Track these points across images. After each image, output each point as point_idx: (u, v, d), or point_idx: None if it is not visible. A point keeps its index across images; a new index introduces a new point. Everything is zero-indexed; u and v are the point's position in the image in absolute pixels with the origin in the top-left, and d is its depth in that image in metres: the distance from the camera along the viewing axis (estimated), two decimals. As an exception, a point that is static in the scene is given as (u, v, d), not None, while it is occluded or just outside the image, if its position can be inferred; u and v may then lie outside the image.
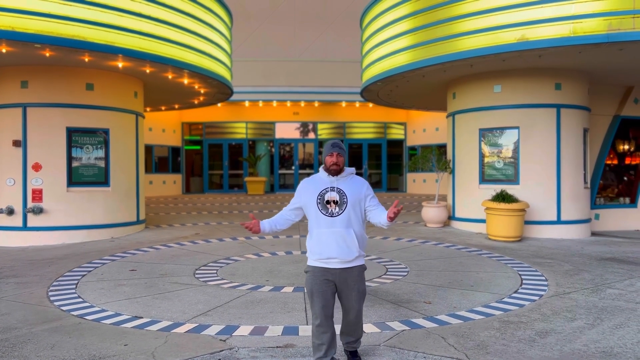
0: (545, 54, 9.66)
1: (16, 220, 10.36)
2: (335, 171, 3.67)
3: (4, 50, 8.96)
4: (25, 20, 8.36)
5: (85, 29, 8.96)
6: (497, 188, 11.10)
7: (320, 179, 3.74)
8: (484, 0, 9.74)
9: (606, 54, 9.50)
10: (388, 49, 11.95)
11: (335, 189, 3.66)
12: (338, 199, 3.63)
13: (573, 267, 7.86)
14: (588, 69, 10.90)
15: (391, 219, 3.56)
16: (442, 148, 17.58)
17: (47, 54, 9.36)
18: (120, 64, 10.37)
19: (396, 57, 11.60)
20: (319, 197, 3.66)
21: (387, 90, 14.05)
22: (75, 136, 10.76)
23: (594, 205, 12.38)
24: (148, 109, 17.29)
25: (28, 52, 9.25)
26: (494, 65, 10.74)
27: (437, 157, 13.00)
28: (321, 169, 3.78)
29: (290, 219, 3.89)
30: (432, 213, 12.66)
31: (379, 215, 3.71)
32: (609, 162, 12.77)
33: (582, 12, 8.79)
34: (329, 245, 3.60)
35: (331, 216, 3.62)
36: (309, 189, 3.73)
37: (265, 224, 3.85)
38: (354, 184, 3.72)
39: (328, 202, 3.63)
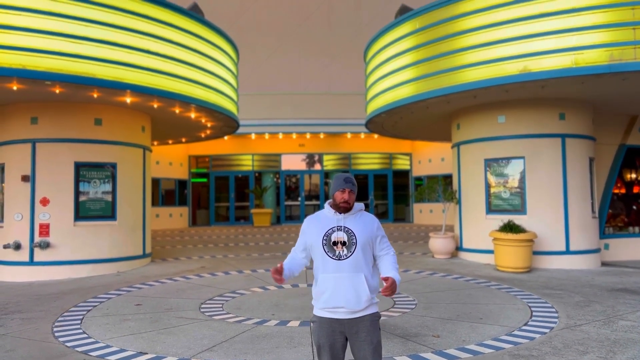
0: (548, 85, 9.74)
1: (23, 255, 10.37)
2: (345, 209, 3.31)
3: (15, 88, 9.15)
4: (36, 58, 8.56)
5: (95, 65, 9.15)
6: (504, 218, 11.04)
7: (325, 217, 3.37)
8: (486, 33, 9.89)
9: (609, 84, 9.57)
10: (392, 81, 12.09)
11: (343, 228, 3.28)
12: (346, 240, 3.25)
13: (584, 298, 7.73)
14: (591, 98, 10.97)
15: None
16: (448, 178, 17.58)
17: (57, 91, 9.54)
18: (128, 99, 10.55)
19: (400, 90, 11.72)
20: (324, 237, 3.28)
21: (391, 122, 14.15)
22: (83, 170, 10.87)
23: (603, 234, 12.25)
24: (155, 143, 17.48)
25: (38, 89, 9.44)
26: (498, 96, 10.82)
27: (443, 188, 12.99)
28: (327, 204, 3.42)
29: (303, 263, 3.51)
30: (439, 244, 12.57)
31: (384, 268, 3.37)
32: (616, 191, 12.70)
33: (584, 43, 8.90)
34: (336, 292, 3.22)
35: (339, 259, 3.24)
36: (314, 228, 3.35)
37: (286, 273, 3.42)
38: (363, 222, 3.34)
39: (335, 243, 3.26)
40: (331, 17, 24.01)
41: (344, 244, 3.25)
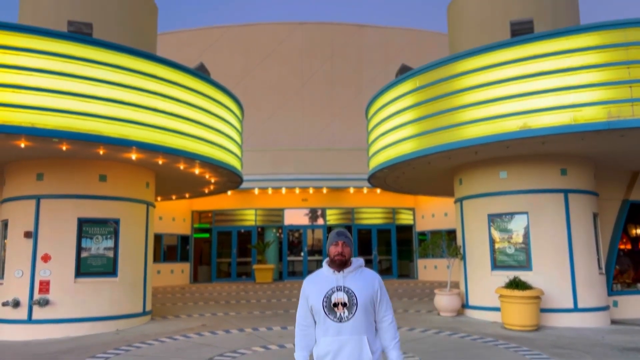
0: (548, 141, 9.85)
1: (21, 312, 10.20)
2: (340, 262, 3.24)
3: (22, 145, 9.30)
4: (45, 116, 8.74)
5: (102, 123, 9.32)
6: (510, 274, 10.88)
7: (324, 277, 3.29)
8: (486, 91, 10.10)
9: (608, 141, 9.68)
10: (393, 137, 12.25)
11: (343, 288, 3.20)
12: (347, 301, 3.17)
13: (594, 358, 7.51)
14: (592, 154, 11.06)
15: None
16: (452, 233, 17.46)
17: (64, 148, 9.69)
18: (133, 156, 10.68)
19: (401, 145, 11.86)
20: (324, 299, 3.19)
21: (394, 177, 14.23)
22: (85, 226, 10.86)
23: (610, 291, 12.03)
24: (159, 199, 17.55)
25: (46, 146, 9.59)
26: (499, 151, 10.93)
27: (447, 243, 12.89)
28: (325, 263, 3.35)
29: (313, 332, 3.31)
30: (444, 301, 12.34)
31: (385, 342, 3.26)
32: (622, 247, 12.58)
33: (582, 101, 9.07)
34: (338, 356, 3.12)
35: (340, 321, 3.15)
36: (314, 289, 3.26)
37: (305, 355, 3.30)
38: (364, 280, 3.26)
39: (335, 304, 3.17)
40: (333, 76, 24.66)
41: (344, 305, 3.16)
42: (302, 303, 3.33)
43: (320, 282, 3.27)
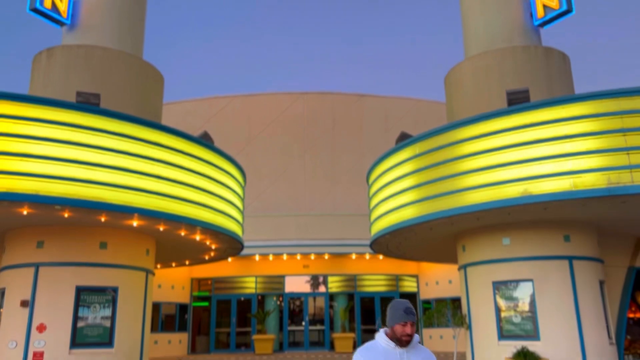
0: (550, 207, 9.85)
1: (12, 386, 9.83)
2: (407, 343, 3.12)
3: (25, 212, 9.32)
4: (49, 184, 8.82)
5: (105, 190, 9.38)
6: (517, 344, 10.55)
7: (384, 351, 3.14)
8: (486, 157, 10.21)
9: (609, 207, 9.68)
10: (395, 203, 12.26)
11: None
12: None
13: None
14: (595, 220, 11.03)
15: None
16: (456, 302, 17.10)
17: (66, 215, 9.70)
18: (135, 223, 10.67)
19: (403, 211, 11.84)
20: None
21: (396, 243, 14.12)
22: (83, 295, 10.67)
23: (623, 362, 11.62)
24: (159, 266, 17.33)
25: (48, 214, 9.61)
26: (501, 218, 10.91)
27: (452, 312, 12.58)
28: (382, 334, 3.21)
29: None
30: (451, 373, 11.89)
31: None
32: (631, 315, 12.27)
33: (581, 167, 9.15)
34: None
35: None
36: None
37: None
38: (424, 357, 3.18)
39: None
40: (335, 143, 25.08)
41: None
42: None
43: (381, 356, 3.13)
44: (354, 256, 21.49)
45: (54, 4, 11.99)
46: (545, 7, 12.69)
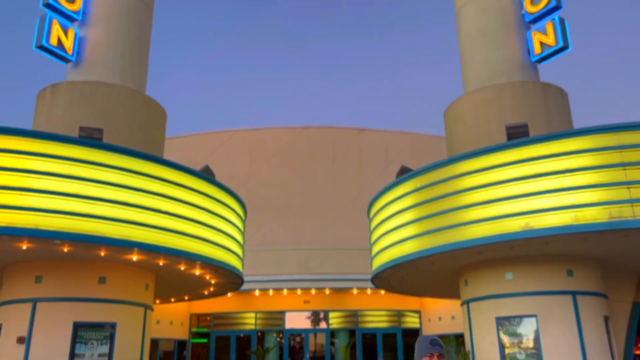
0: (552, 242, 9.79)
1: None
2: None
3: (24, 247, 9.27)
4: (49, 218, 8.81)
5: (105, 224, 9.36)
6: (523, 383, 10.31)
7: None
8: (486, 191, 10.20)
9: (612, 241, 9.63)
10: (396, 237, 12.19)
11: None
12: None
13: None
14: (598, 255, 10.94)
15: None
16: (460, 338, 16.79)
17: (65, 249, 9.65)
18: (134, 257, 10.59)
19: (404, 245, 11.77)
20: None
21: (398, 278, 13.98)
22: (81, 331, 10.50)
23: (632, 401, 11.34)
24: (157, 301, 17.12)
25: (47, 248, 9.56)
26: (503, 252, 10.82)
27: (455, 349, 12.38)
28: None
29: None
30: (455, 412, 11.58)
31: None
32: (637, 352, 12.03)
33: (582, 201, 9.14)
34: None
35: None
36: None
37: None
38: None
39: None
40: (335, 176, 25.15)
41: None
42: None
43: None
44: (355, 291, 21.25)
45: (59, 41, 12.24)
46: (542, 43, 12.93)
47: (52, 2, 12.25)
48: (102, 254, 10.11)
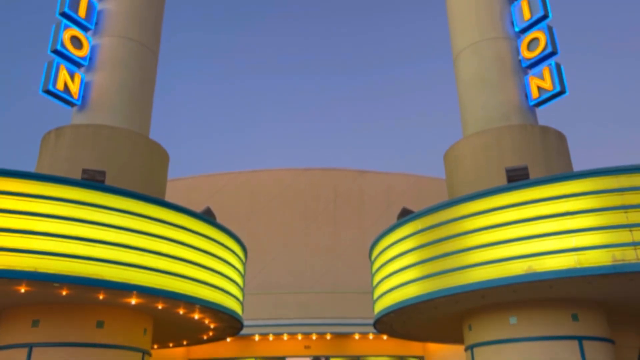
0: (555, 285, 9.69)
1: None
2: None
3: (22, 290, 9.18)
4: (48, 260, 8.76)
5: (105, 267, 9.30)
6: None
7: None
8: (488, 234, 10.16)
9: (616, 285, 9.52)
10: (398, 280, 12.06)
11: None
12: None
13: None
14: (603, 299, 10.79)
15: None
16: (464, 384, 16.36)
17: (64, 293, 9.55)
18: (133, 301, 10.47)
19: (406, 289, 11.63)
20: None
21: (400, 322, 13.75)
22: (76, 377, 10.27)
23: None
24: (155, 347, 16.79)
25: (45, 291, 9.46)
26: (507, 296, 10.69)
27: (459, 396, 12.03)
28: None
29: None
30: None
31: None
32: (648, 399, 11.70)
33: (585, 244, 9.10)
34: None
35: None
36: None
37: None
38: None
39: None
40: (337, 218, 25.10)
41: None
42: None
43: None
44: (357, 336, 20.86)
45: (66, 86, 12.49)
46: (539, 88, 13.16)
47: (61, 48, 12.57)
48: (101, 297, 10.00)
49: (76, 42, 13.03)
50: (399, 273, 12.06)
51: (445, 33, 15.93)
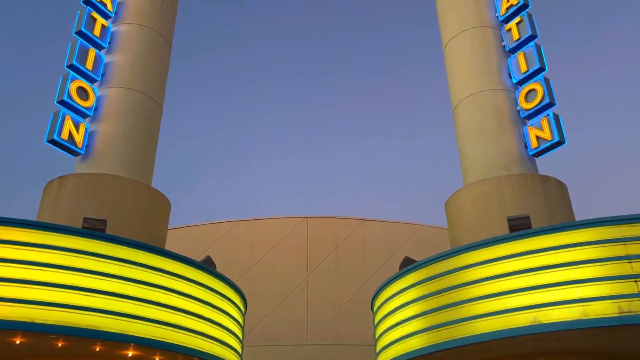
0: (562, 337, 9.46)
1: None
2: None
3: (17, 342, 8.98)
4: (45, 311, 8.60)
5: (102, 318, 9.11)
6: None
7: None
8: (492, 284, 9.99)
9: (625, 338, 9.31)
10: (401, 332, 11.78)
11: None
12: None
13: None
14: (612, 351, 10.52)
15: None
16: None
17: (60, 344, 9.33)
18: (130, 353, 10.21)
19: (410, 341, 11.35)
20: None
21: (404, 376, 13.35)
22: None
23: None
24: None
25: (41, 343, 9.25)
26: (512, 349, 10.42)
27: None
28: None
29: None
30: None
31: None
32: None
33: (590, 295, 8.93)
34: None
35: None
36: None
37: None
38: None
39: None
40: (338, 267, 24.83)
41: None
42: None
43: None
44: (359, 391, 20.21)
45: (71, 136, 12.66)
46: (538, 138, 13.31)
47: (67, 99, 12.83)
48: (97, 349, 9.76)
49: (82, 93, 13.32)
50: (402, 325, 11.80)
51: (445, 83, 16.26)
